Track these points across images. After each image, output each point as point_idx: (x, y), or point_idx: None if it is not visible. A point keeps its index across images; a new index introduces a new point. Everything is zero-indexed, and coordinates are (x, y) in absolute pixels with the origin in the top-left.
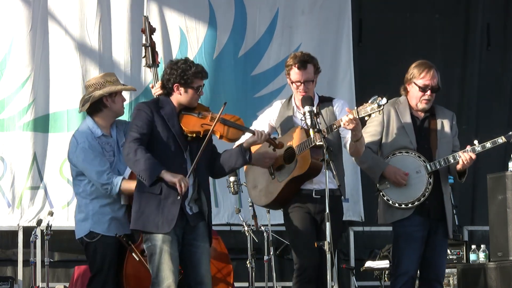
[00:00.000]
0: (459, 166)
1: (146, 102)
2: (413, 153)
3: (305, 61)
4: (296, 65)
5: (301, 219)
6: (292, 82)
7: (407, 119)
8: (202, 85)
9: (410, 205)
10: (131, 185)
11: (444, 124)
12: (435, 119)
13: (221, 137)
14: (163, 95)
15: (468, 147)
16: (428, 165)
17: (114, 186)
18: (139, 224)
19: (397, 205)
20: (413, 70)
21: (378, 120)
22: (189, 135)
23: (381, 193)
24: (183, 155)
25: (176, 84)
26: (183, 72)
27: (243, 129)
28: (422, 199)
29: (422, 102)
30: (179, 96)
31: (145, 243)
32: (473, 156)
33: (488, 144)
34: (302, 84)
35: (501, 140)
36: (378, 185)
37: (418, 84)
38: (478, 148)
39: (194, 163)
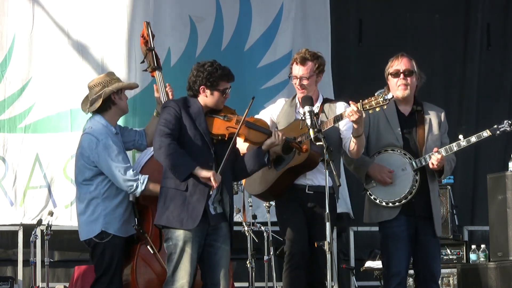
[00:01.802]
0: (430, 166)
1: (174, 100)
2: (398, 151)
3: (305, 58)
4: (296, 61)
5: (292, 210)
6: (289, 77)
7: (393, 116)
8: (228, 87)
9: (397, 203)
10: (158, 188)
11: (432, 121)
12: (423, 115)
13: (245, 140)
14: (190, 96)
15: (436, 149)
16: (413, 162)
17: (141, 183)
18: (163, 219)
19: (384, 203)
20: (387, 65)
21: (364, 120)
22: (214, 137)
23: (368, 193)
24: (210, 153)
25: (202, 86)
26: (209, 75)
27: (266, 132)
28: (409, 197)
29: (399, 88)
30: (205, 98)
31: (166, 241)
32: (439, 157)
33: (473, 138)
34: (298, 80)
35: (486, 133)
36: (364, 184)
37: (390, 73)
38: (463, 142)
39: (223, 163)
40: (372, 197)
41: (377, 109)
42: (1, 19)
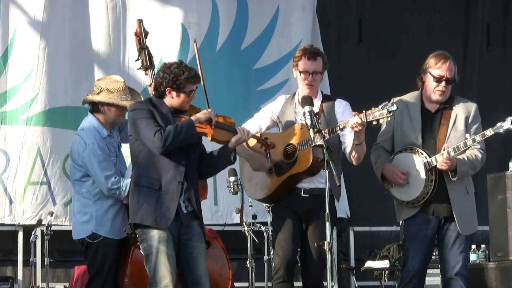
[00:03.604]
0: (438, 166)
1: (139, 102)
2: (416, 150)
3: (315, 52)
4: (306, 56)
5: (284, 219)
6: (300, 72)
7: (417, 114)
8: (194, 89)
9: (416, 203)
10: None
11: (459, 117)
12: (450, 112)
13: (212, 139)
14: (156, 97)
15: (447, 148)
16: (427, 161)
17: (123, 190)
18: (137, 217)
19: (405, 203)
20: (429, 60)
21: (391, 117)
22: None
23: (391, 192)
24: (181, 152)
25: (168, 88)
26: (175, 77)
27: (232, 130)
28: (426, 196)
29: (436, 93)
30: (172, 100)
31: (141, 243)
32: (444, 157)
33: (478, 137)
34: (310, 75)
35: (489, 132)
36: (385, 184)
37: (433, 74)
38: (469, 142)
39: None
40: (394, 197)
41: (381, 121)
42: (3, 10)
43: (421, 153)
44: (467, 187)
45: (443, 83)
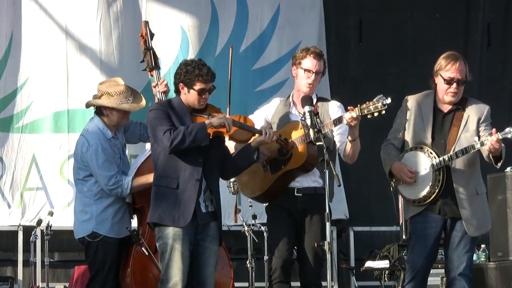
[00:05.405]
0: (486, 152)
1: (159, 102)
2: (426, 149)
3: (320, 54)
4: (312, 55)
5: (279, 219)
6: (304, 70)
7: (429, 113)
8: (205, 88)
9: (422, 202)
10: (142, 180)
11: (470, 119)
12: (463, 112)
13: (230, 138)
14: (175, 92)
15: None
16: (435, 161)
17: (125, 188)
18: (155, 217)
19: (411, 201)
20: (440, 62)
21: (402, 115)
22: None
23: (398, 189)
24: (199, 150)
25: (180, 84)
26: (186, 73)
27: (252, 130)
28: (433, 196)
29: (448, 95)
30: (184, 96)
31: (157, 240)
32: (495, 138)
33: (487, 141)
34: (314, 74)
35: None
36: (392, 182)
37: (443, 77)
38: (477, 145)
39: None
40: (401, 194)
41: (375, 114)
42: (1, 18)
43: (431, 153)
44: (477, 188)
45: (454, 85)
